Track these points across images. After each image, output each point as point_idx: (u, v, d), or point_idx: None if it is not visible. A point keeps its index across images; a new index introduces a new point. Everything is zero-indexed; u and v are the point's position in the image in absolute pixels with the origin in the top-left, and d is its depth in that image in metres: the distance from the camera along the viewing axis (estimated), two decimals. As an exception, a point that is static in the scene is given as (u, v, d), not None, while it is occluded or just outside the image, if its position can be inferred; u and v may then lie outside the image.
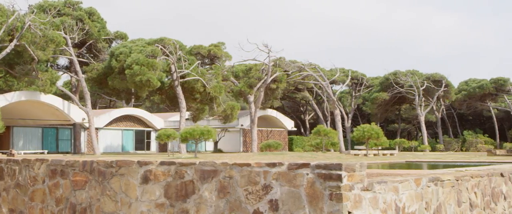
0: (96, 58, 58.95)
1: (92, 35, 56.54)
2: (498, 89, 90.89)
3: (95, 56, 59.23)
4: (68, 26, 52.98)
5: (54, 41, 47.80)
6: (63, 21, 52.74)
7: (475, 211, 9.97)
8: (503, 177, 11.31)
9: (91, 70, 57.00)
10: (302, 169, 7.13)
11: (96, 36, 57.13)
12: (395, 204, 7.68)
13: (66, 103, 55.69)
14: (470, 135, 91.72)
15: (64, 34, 51.66)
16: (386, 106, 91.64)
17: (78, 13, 55.71)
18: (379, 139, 51.53)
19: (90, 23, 55.80)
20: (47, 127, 58.69)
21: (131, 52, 53.10)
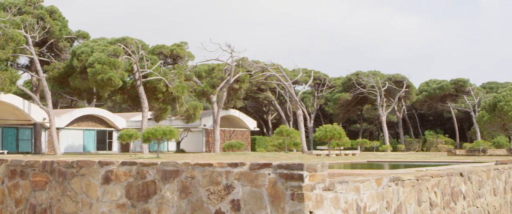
0: (57, 58, 58.30)
1: (53, 34, 55.85)
2: (458, 90, 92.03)
3: (57, 56, 58.57)
4: (28, 24, 52.31)
5: (14, 40, 47.16)
6: (23, 19, 52.05)
7: (435, 210, 10.08)
8: (463, 176, 11.45)
9: (52, 69, 56.35)
10: (264, 169, 7.14)
11: (57, 35, 56.46)
12: (356, 203, 7.74)
13: (27, 103, 55.04)
14: (431, 135, 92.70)
15: (25, 33, 51.01)
16: (348, 106, 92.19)
17: (39, 11, 55.04)
18: (341, 139, 51.79)
19: (51, 22, 55.14)
20: (7, 126, 57.93)
21: (93, 52, 52.64)
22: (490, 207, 12.78)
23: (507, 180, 14.11)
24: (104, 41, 55.86)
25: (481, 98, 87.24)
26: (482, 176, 12.54)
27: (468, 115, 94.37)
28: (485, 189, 12.62)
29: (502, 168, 14.02)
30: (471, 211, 11.67)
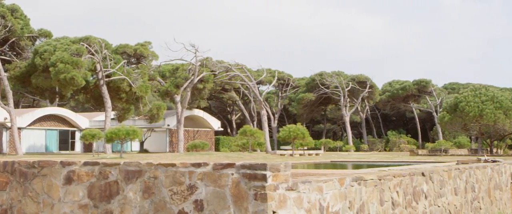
0: (19, 56, 57.60)
1: (15, 33, 55.13)
2: (421, 91, 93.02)
3: (18, 54, 57.87)
4: (-11, 23, 51.68)
5: (-26, 39, 46.56)
6: (-16, 18, 51.42)
7: (397, 209, 10.17)
8: (424, 176, 11.56)
9: (13, 68, 55.65)
10: (227, 169, 7.14)
11: (19, 34, 55.76)
12: (319, 203, 7.77)
13: (-13, 102, 54.34)
14: (394, 135, 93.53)
15: (-15, 31, 50.39)
16: (312, 106, 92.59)
17: (0, 9, 54.35)
18: (305, 139, 52.00)
19: (12, 20, 54.44)
20: (-33, 126, 57.18)
21: (55, 50, 52.12)
22: (451, 206, 12.93)
23: (468, 180, 14.29)
24: (67, 40, 55.34)
25: (443, 99, 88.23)
26: (444, 176, 12.68)
27: (430, 115, 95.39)
28: (446, 188, 12.77)
29: (463, 168, 14.19)
30: (432, 210, 11.80)
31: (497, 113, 53.27)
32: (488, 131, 56.93)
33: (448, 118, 56.63)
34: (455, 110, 56.02)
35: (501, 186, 17.45)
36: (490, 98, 54.85)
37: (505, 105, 53.86)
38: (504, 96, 57.77)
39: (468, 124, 55.66)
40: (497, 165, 17.44)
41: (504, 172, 17.98)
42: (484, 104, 54.00)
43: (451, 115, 56.36)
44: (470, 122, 55.14)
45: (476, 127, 55.83)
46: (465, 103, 54.81)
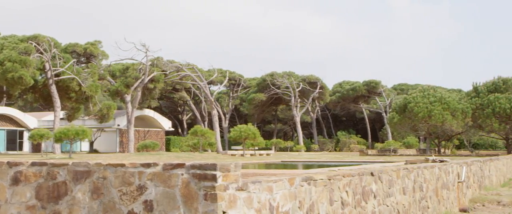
0: (-35, 55, 56.52)
1: (-40, 31, 54.14)
2: (370, 92, 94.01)
3: (-36, 53, 56.79)
4: None
5: None
6: None
7: (346, 209, 10.25)
8: (373, 176, 11.68)
9: (-41, 67, 54.61)
10: (177, 169, 7.10)
11: (-36, 32, 54.76)
12: (269, 203, 7.79)
13: None
14: (344, 135, 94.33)
15: None
16: (263, 107, 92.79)
17: None
18: (256, 139, 52.18)
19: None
20: None
21: (2, 49, 51.31)
22: (399, 205, 13.09)
23: (416, 179, 14.49)
24: (15, 39, 54.52)
25: (392, 100, 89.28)
26: (392, 176, 12.82)
27: (379, 115, 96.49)
28: (395, 188, 12.92)
29: (411, 168, 14.38)
30: (381, 209, 11.92)
31: (445, 114, 54.10)
32: (436, 131, 57.79)
33: (397, 118, 57.31)
34: (404, 111, 56.72)
35: (449, 186, 17.73)
36: (438, 99, 55.68)
37: (452, 107, 54.75)
38: (452, 97, 58.75)
39: (417, 124, 56.40)
40: (444, 164, 17.71)
41: (451, 171, 18.27)
42: (432, 105, 54.79)
43: (400, 116, 57.05)
44: (418, 123, 55.88)
45: (424, 127, 56.60)
46: (414, 104, 55.54)
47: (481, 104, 54.84)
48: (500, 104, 53.09)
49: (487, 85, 57.49)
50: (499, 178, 29.39)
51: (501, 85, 56.20)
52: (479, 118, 54.69)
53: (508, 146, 58.40)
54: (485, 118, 53.89)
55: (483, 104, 54.59)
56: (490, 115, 53.45)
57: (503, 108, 52.74)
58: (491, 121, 53.44)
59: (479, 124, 55.50)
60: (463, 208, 18.27)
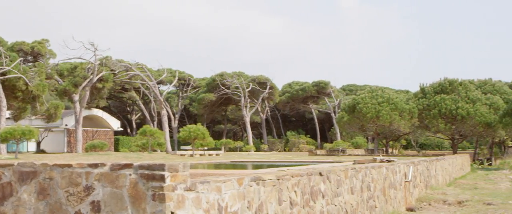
0: None
1: None
2: (320, 92, 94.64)
3: None
4: None
5: None
6: None
7: (295, 209, 10.30)
8: (322, 176, 11.75)
9: None
10: (125, 169, 7.05)
11: None
12: (218, 203, 7.78)
13: None
14: (293, 135, 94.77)
15: None
16: (212, 107, 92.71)
17: None
18: (205, 139, 52.12)
19: None
20: None
21: None
22: (347, 205, 13.20)
23: (364, 179, 14.63)
24: (-41, 37, 53.41)
25: (341, 100, 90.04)
26: (340, 175, 12.93)
27: (328, 116, 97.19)
28: (343, 187, 13.03)
29: (359, 168, 14.52)
30: (329, 209, 12.01)
31: (393, 114, 54.76)
32: (384, 132, 58.46)
33: (346, 118, 57.79)
34: (353, 111, 57.22)
35: (396, 185, 17.95)
36: (386, 100, 56.32)
37: (400, 107, 55.44)
38: (399, 98, 59.47)
39: (365, 124, 56.96)
40: (392, 164, 17.93)
41: (398, 171, 18.50)
42: (380, 106, 55.40)
43: (349, 116, 57.54)
44: (367, 123, 56.44)
45: (372, 127, 57.20)
46: (362, 105, 56.07)
47: (428, 105, 55.65)
48: (446, 105, 53.96)
49: (433, 86, 58.34)
50: (445, 178, 29.87)
51: (447, 87, 57.10)
52: (426, 118, 55.49)
53: (454, 146, 59.39)
54: (431, 118, 54.70)
55: (430, 105, 55.41)
56: (436, 115, 54.28)
57: (449, 109, 53.61)
58: (437, 121, 54.26)
59: (426, 124, 56.31)
60: (410, 207, 18.52)
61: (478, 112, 53.32)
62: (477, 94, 56.92)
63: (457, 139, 59.05)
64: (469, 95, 55.80)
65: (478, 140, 61.90)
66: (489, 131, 54.88)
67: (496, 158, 60.62)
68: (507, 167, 45.29)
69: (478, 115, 53.18)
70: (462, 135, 58.13)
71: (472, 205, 19.13)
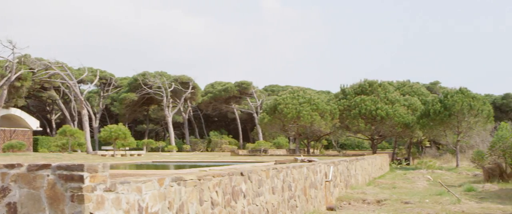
0: None
1: None
2: (242, 92, 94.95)
3: None
4: None
5: None
6: None
7: (216, 209, 10.31)
8: (243, 176, 11.79)
9: None
10: (43, 170, 6.92)
11: None
12: (138, 204, 7.72)
13: None
14: (216, 135, 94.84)
15: None
16: (134, 107, 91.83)
17: None
18: (127, 139, 51.66)
19: None
20: None
21: None
22: (268, 205, 13.28)
23: (285, 179, 14.74)
24: None
25: (263, 101, 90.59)
26: (262, 175, 12.99)
27: (251, 116, 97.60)
28: (264, 187, 13.10)
29: (280, 168, 14.62)
30: (250, 209, 12.06)
31: (314, 115, 55.41)
32: (305, 132, 59.07)
33: (267, 119, 58.15)
34: (274, 112, 57.63)
35: (316, 185, 18.16)
36: (307, 100, 56.95)
37: (321, 108, 56.14)
38: (321, 99, 60.25)
39: (287, 125, 57.46)
40: (312, 164, 18.13)
41: (319, 171, 18.72)
42: (301, 107, 55.97)
43: (271, 116, 57.92)
44: (288, 123, 56.95)
45: (294, 128, 57.74)
46: (283, 105, 56.54)
47: (348, 106, 56.54)
48: (366, 106, 54.93)
49: (354, 87, 59.29)
50: (365, 177, 30.40)
51: (367, 88, 58.12)
52: (346, 119, 56.35)
53: (373, 146, 60.49)
54: (352, 119, 55.58)
55: (350, 106, 56.30)
56: (356, 116, 55.19)
57: (369, 110, 54.60)
58: (357, 121, 55.18)
59: (346, 124, 57.18)
60: (330, 206, 18.76)
61: (396, 113, 54.47)
62: (396, 95, 58.16)
63: (376, 139, 60.16)
64: (388, 96, 56.96)
65: (396, 140, 63.18)
66: (407, 131, 56.09)
67: (414, 158, 62.01)
68: (424, 167, 46.43)
69: (397, 115, 54.33)
70: (381, 135, 59.27)
71: (390, 204, 19.53)
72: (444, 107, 48.54)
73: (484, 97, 56.39)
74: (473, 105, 47.45)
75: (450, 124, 48.52)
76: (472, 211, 17.25)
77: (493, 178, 29.93)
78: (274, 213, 13.69)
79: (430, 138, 59.58)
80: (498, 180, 29.31)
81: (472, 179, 32.90)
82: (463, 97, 47.94)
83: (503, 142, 29.66)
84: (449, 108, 47.93)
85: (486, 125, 47.68)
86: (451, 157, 55.46)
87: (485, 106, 48.84)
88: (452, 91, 51.05)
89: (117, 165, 26.66)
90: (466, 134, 48.16)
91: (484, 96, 61.12)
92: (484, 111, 48.18)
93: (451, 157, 55.76)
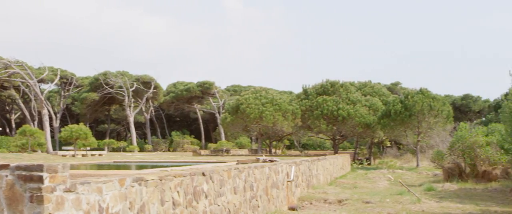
0: None
1: None
2: (204, 92, 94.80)
3: None
4: None
5: None
6: None
7: (177, 209, 10.28)
8: (205, 176, 11.78)
9: None
10: (1, 170, 6.83)
11: None
12: (99, 204, 7.67)
13: None
14: (178, 135, 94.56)
15: None
16: (95, 106, 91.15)
17: None
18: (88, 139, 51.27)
19: None
20: None
21: None
22: (230, 205, 13.29)
23: (247, 179, 14.76)
24: None
25: (226, 101, 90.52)
26: (224, 175, 12.99)
27: (213, 116, 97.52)
28: (226, 187, 13.10)
29: (242, 168, 14.63)
30: (212, 209, 12.05)
31: (276, 115, 55.52)
32: (268, 132, 59.16)
33: (230, 119, 58.12)
34: (237, 112, 57.62)
35: (278, 185, 18.20)
36: (269, 100, 57.04)
37: (283, 108, 56.28)
38: (283, 99, 60.36)
39: (249, 125, 57.49)
40: (274, 164, 18.17)
41: (281, 171, 18.76)
42: (264, 107, 56.05)
43: (233, 116, 57.89)
44: (250, 123, 56.98)
45: (256, 128, 57.79)
46: (246, 105, 56.55)
47: (310, 106, 56.75)
48: (328, 106, 55.19)
49: (316, 88, 59.54)
50: (326, 177, 30.55)
51: (329, 88, 58.42)
52: (308, 119, 56.56)
53: (335, 146, 60.81)
54: (314, 119, 55.80)
55: (312, 106, 56.52)
56: (318, 116, 55.43)
57: (331, 110, 54.87)
58: (319, 122, 55.41)
59: (309, 125, 57.39)
60: (291, 206, 18.82)
61: (358, 113, 54.83)
62: (358, 96, 58.56)
63: (338, 139, 60.50)
64: (350, 96, 57.32)
65: (358, 140, 63.60)
66: (368, 132, 56.49)
67: (375, 158, 62.49)
68: (385, 167, 46.84)
69: (358, 116, 54.70)
70: (343, 135, 59.62)
71: (351, 203, 19.67)
72: (404, 107, 49.01)
73: (444, 98, 56.88)
74: (433, 106, 47.98)
75: (411, 124, 48.99)
76: (432, 211, 17.45)
77: (452, 177, 30.34)
78: (236, 213, 13.70)
79: (391, 138, 60.11)
80: (457, 179, 29.72)
81: (432, 179, 33.30)
82: (423, 98, 48.44)
83: (462, 142, 30.08)
84: (409, 108, 48.40)
85: (446, 125, 48.23)
86: (412, 157, 55.99)
87: (445, 107, 49.42)
88: (412, 92, 51.55)
89: (78, 165, 26.45)
90: (426, 134, 48.66)
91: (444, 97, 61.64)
92: (444, 111, 48.75)
93: (411, 157, 56.29)
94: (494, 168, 29.87)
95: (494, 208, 18.09)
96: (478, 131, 31.20)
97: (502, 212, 17.16)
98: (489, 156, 29.68)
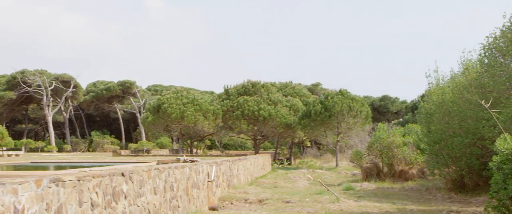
0: None
1: None
2: (125, 92, 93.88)
3: None
4: None
5: None
6: None
7: (96, 210, 10.17)
8: (124, 176, 11.69)
9: None
10: None
11: None
12: (14, 206, 7.52)
13: None
14: (98, 135, 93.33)
15: None
16: (12, 105, 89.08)
17: None
18: (4, 139, 50.18)
19: None
20: None
21: None
22: (150, 205, 13.22)
23: (167, 179, 14.71)
24: None
25: (147, 100, 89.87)
26: (143, 176, 12.92)
27: (134, 116, 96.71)
28: (146, 188, 13.03)
29: (162, 168, 14.58)
30: (132, 210, 11.97)
31: (197, 115, 55.45)
32: (189, 132, 59.02)
33: (151, 118, 57.71)
34: (158, 111, 57.26)
35: (199, 185, 18.20)
36: (191, 100, 56.92)
37: (204, 108, 56.25)
38: (204, 99, 60.35)
39: (170, 125, 57.23)
40: (195, 164, 18.16)
41: (201, 171, 18.77)
42: (185, 107, 55.89)
43: (154, 116, 57.51)
44: (171, 123, 56.74)
45: (177, 128, 57.57)
46: (167, 105, 56.27)
47: (232, 106, 56.92)
48: (249, 106, 55.46)
49: (237, 88, 59.76)
50: (247, 177, 30.69)
51: (251, 88, 58.73)
52: (230, 119, 56.71)
53: (256, 146, 61.15)
54: (235, 119, 55.98)
55: (233, 106, 56.70)
56: (239, 116, 55.63)
57: (252, 110, 55.16)
58: (240, 122, 55.63)
59: (230, 125, 57.54)
60: (212, 206, 18.85)
61: (279, 113, 55.30)
62: (279, 96, 59.04)
63: (259, 139, 60.85)
64: (271, 97, 57.75)
65: (279, 140, 64.10)
66: (289, 132, 57.04)
67: (296, 158, 63.13)
68: (305, 166, 47.35)
69: (279, 116, 55.17)
70: (264, 135, 60.00)
71: (272, 203, 19.83)
72: (324, 108, 49.71)
73: (363, 99, 57.99)
74: (352, 107, 48.85)
75: (331, 125, 49.75)
76: (350, 210, 17.76)
77: (370, 177, 30.97)
78: (156, 213, 13.63)
79: (311, 138, 60.84)
80: (375, 179, 30.35)
81: (351, 178, 33.89)
82: (343, 99, 49.26)
83: (380, 142, 30.74)
84: (329, 109, 49.12)
85: (365, 125, 49.16)
86: (331, 157, 56.84)
87: (363, 107, 50.38)
88: (332, 92, 52.37)
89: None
90: (346, 134, 49.47)
91: (363, 98, 62.82)
92: (362, 112, 49.69)
93: (331, 157, 57.14)
94: (410, 167, 30.63)
95: (410, 207, 18.54)
96: (396, 131, 31.96)
97: (418, 211, 17.60)
98: (406, 155, 30.45)
